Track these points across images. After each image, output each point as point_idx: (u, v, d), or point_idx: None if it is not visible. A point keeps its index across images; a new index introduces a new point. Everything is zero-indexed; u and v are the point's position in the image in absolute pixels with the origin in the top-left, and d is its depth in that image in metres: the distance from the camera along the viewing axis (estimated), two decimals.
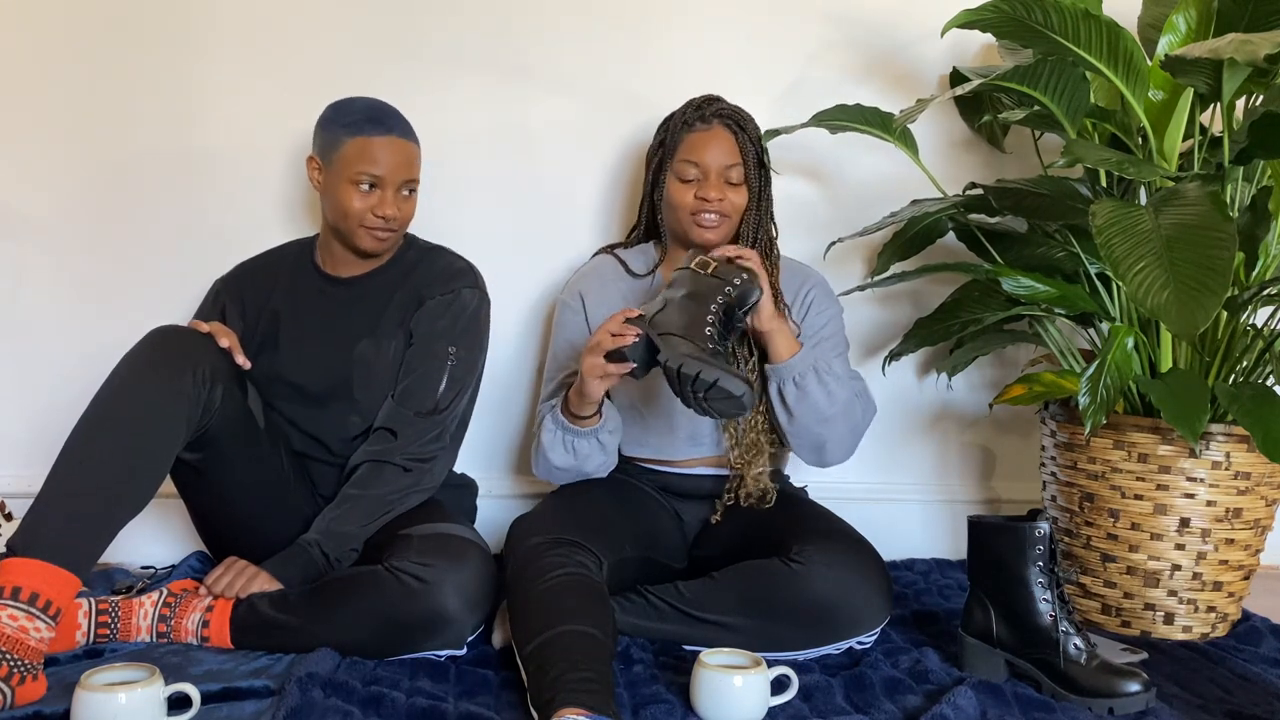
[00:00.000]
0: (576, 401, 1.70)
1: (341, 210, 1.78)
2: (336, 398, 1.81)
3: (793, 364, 1.73)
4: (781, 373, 1.74)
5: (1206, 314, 1.46)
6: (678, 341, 1.56)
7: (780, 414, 1.78)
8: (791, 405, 1.75)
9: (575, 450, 1.76)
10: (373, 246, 1.81)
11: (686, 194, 1.83)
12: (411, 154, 1.80)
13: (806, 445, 1.80)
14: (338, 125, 1.77)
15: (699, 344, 1.55)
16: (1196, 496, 1.80)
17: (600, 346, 1.61)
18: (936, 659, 1.64)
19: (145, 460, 1.52)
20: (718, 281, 1.61)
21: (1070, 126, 1.84)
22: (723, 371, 1.51)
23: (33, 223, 2.13)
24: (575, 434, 1.74)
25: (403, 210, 1.80)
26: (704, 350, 1.55)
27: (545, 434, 1.77)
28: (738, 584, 1.65)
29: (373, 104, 1.79)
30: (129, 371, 1.55)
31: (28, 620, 1.39)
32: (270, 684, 1.45)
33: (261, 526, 1.75)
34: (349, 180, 1.75)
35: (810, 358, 1.75)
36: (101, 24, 2.11)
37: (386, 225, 1.78)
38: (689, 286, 1.62)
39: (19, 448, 2.14)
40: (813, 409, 1.75)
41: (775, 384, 1.76)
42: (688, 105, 1.87)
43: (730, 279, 1.61)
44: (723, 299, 1.60)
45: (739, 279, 1.61)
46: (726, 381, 1.50)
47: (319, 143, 1.80)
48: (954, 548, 2.33)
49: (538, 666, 1.40)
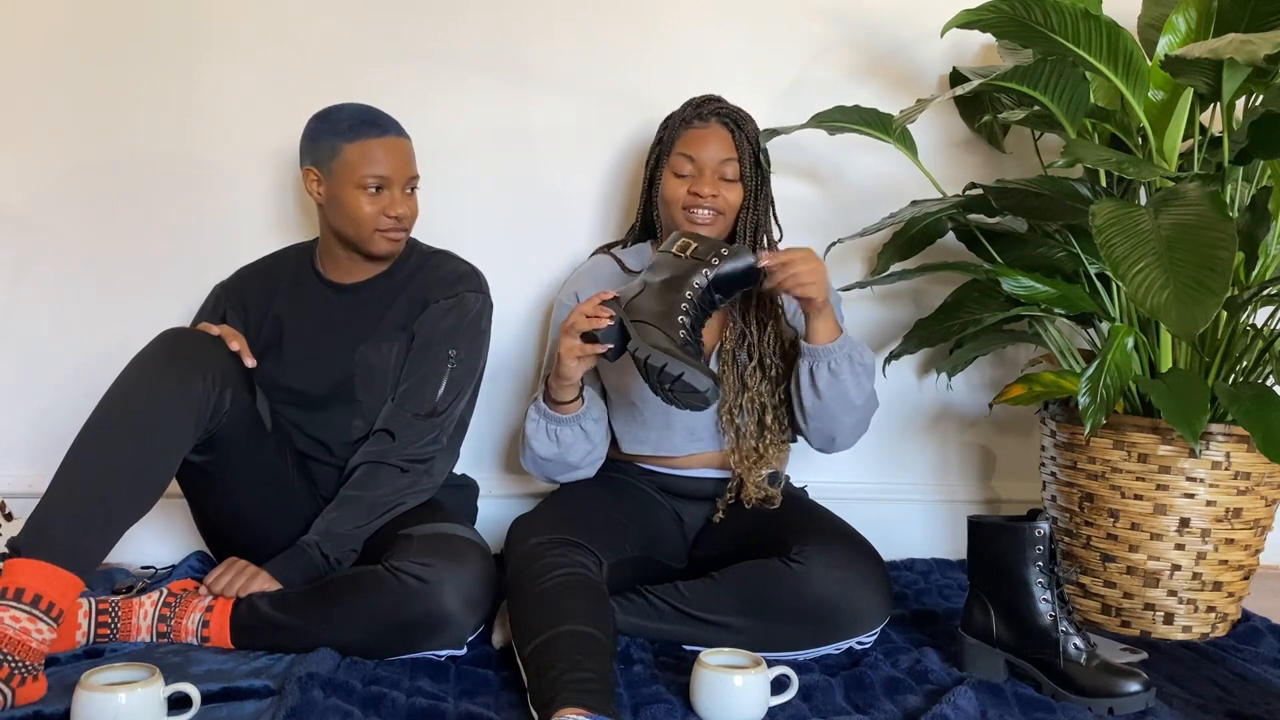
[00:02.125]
0: (556, 385, 1.71)
1: (353, 218, 1.77)
2: (339, 401, 1.82)
3: (832, 348, 1.72)
4: (820, 354, 1.73)
5: (1206, 314, 1.46)
6: (649, 330, 1.56)
7: (808, 395, 1.76)
8: (822, 389, 1.74)
9: (559, 439, 1.75)
10: (388, 249, 1.80)
11: (680, 188, 1.83)
12: (410, 151, 1.80)
13: (822, 430, 1.80)
14: (331, 134, 1.76)
15: (669, 333, 1.55)
16: (1196, 496, 1.80)
17: (575, 328, 1.62)
18: (936, 659, 1.64)
19: (152, 463, 1.52)
20: (695, 263, 1.60)
21: (1070, 126, 1.84)
22: (688, 366, 1.51)
23: (33, 223, 2.13)
24: (558, 422, 1.74)
25: (410, 208, 1.80)
26: (674, 340, 1.54)
27: (529, 424, 1.77)
28: (738, 584, 1.66)
29: (360, 108, 1.79)
30: (140, 373, 1.55)
31: (30, 622, 1.39)
32: (270, 684, 1.45)
33: (265, 527, 1.75)
34: (356, 186, 1.75)
35: (849, 345, 1.74)
36: (102, 26, 2.11)
37: (399, 225, 1.78)
38: (668, 270, 1.62)
39: (19, 448, 2.14)
40: (841, 395, 1.74)
41: (809, 364, 1.74)
42: (687, 104, 1.88)
43: (708, 258, 1.59)
44: (700, 282, 1.58)
45: (718, 254, 1.58)
46: (692, 376, 1.50)
47: (314, 154, 1.78)
48: (954, 548, 2.33)
49: (538, 666, 1.40)
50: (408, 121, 1.86)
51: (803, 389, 1.77)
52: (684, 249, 1.62)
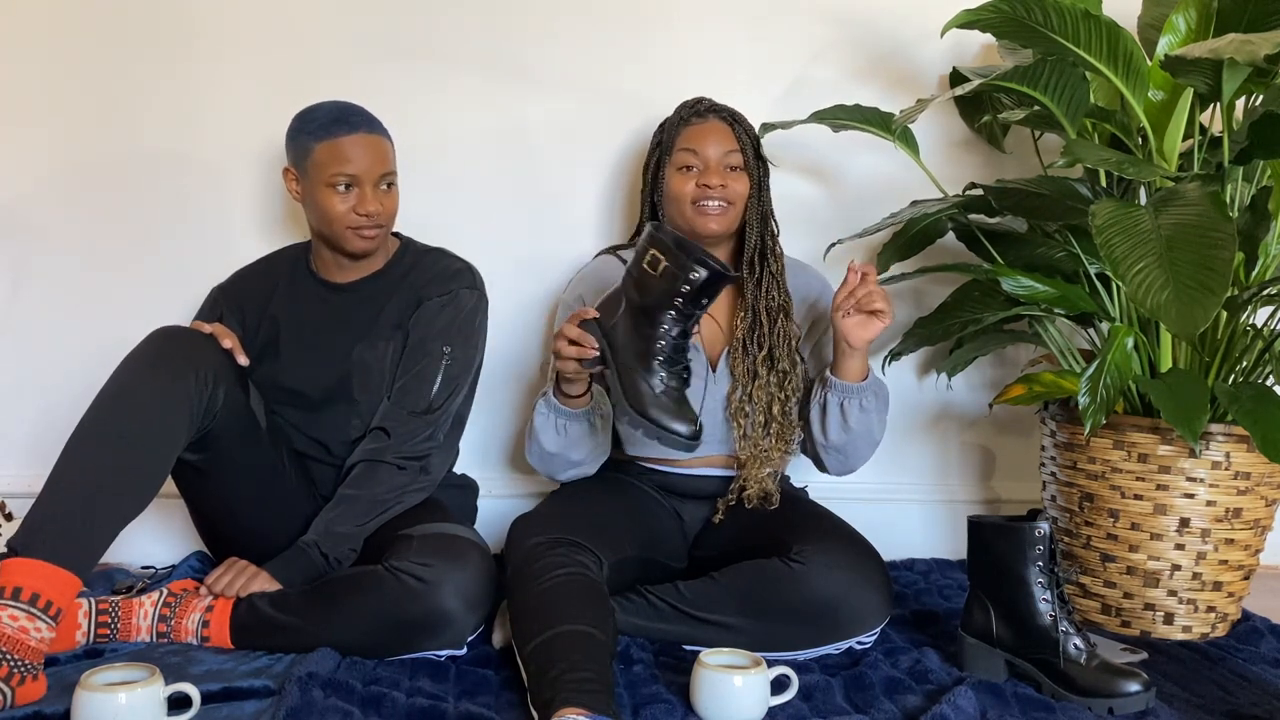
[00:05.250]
0: (564, 382, 1.71)
1: (324, 216, 1.77)
2: (337, 401, 1.82)
3: (864, 386, 1.74)
4: (854, 391, 1.74)
5: (1206, 314, 1.46)
6: (629, 374, 1.57)
7: (834, 428, 1.78)
8: (852, 424, 1.76)
9: (567, 432, 1.75)
10: (361, 247, 1.80)
11: (687, 183, 1.83)
12: (382, 148, 1.79)
13: (843, 462, 1.83)
14: (304, 133, 1.76)
15: (647, 379, 1.56)
16: (1196, 496, 1.80)
17: (561, 355, 1.62)
18: (936, 659, 1.64)
19: (148, 461, 1.52)
20: (668, 286, 1.54)
21: (1070, 126, 1.84)
22: (671, 418, 1.54)
23: (33, 223, 2.13)
24: (568, 416, 1.74)
25: (385, 205, 1.79)
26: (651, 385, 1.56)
27: (538, 417, 1.77)
28: (738, 584, 1.66)
29: (336, 106, 1.79)
30: (132, 372, 1.55)
31: (28, 620, 1.39)
32: (270, 684, 1.45)
33: (262, 527, 1.75)
34: (325, 184, 1.75)
35: (876, 381, 1.77)
36: (102, 27, 2.11)
37: (371, 222, 1.77)
38: (641, 293, 1.57)
39: (19, 448, 2.14)
40: (867, 431, 1.78)
41: (841, 400, 1.75)
42: (681, 106, 1.89)
43: (686, 275, 1.53)
44: (676, 307, 1.55)
45: (694, 274, 1.52)
46: (674, 426, 1.54)
47: (291, 154, 1.79)
48: (954, 548, 2.33)
49: (538, 666, 1.40)
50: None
51: (829, 423, 1.78)
52: (654, 264, 1.55)
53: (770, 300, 1.84)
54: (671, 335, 1.57)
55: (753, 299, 1.84)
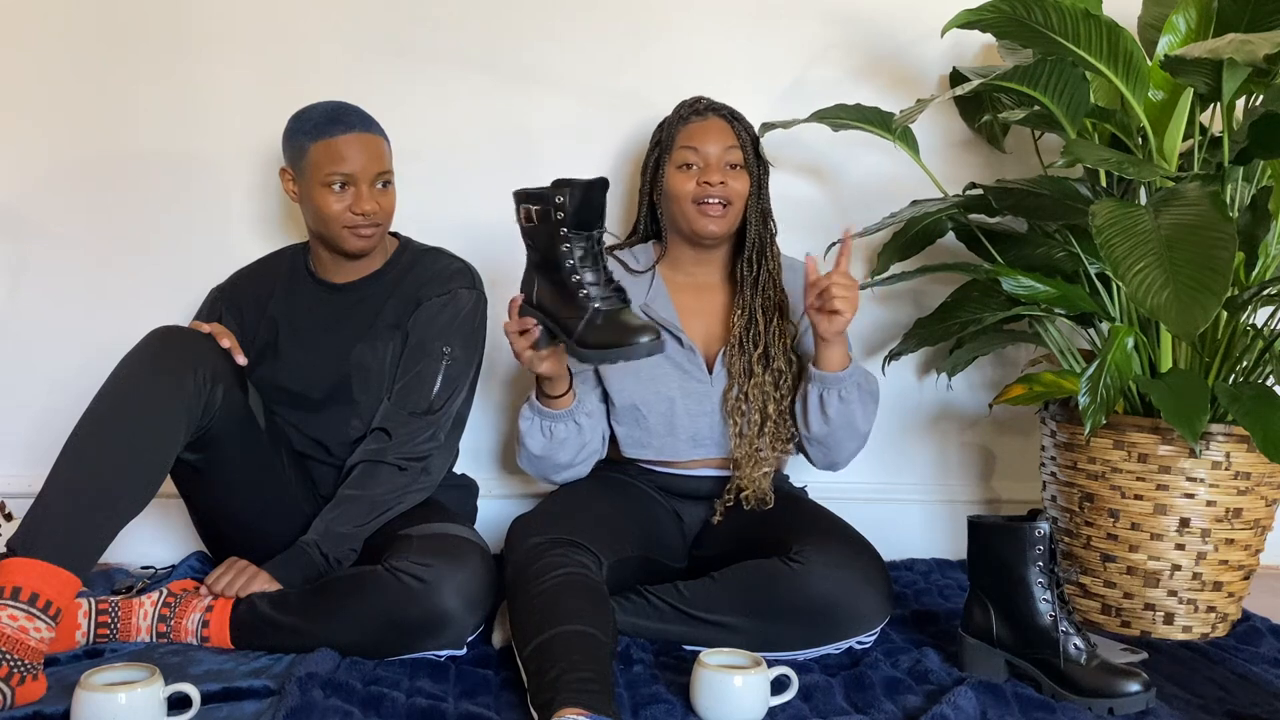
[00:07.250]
0: (545, 382, 1.72)
1: (320, 216, 1.77)
2: (336, 402, 1.82)
3: (843, 376, 1.74)
4: (831, 382, 1.75)
5: (1206, 314, 1.46)
6: (570, 324, 1.53)
7: (815, 419, 1.78)
8: (832, 415, 1.77)
9: (552, 434, 1.76)
10: (358, 246, 1.80)
11: (687, 182, 1.83)
12: (378, 146, 1.79)
13: (825, 454, 1.83)
14: (300, 133, 1.77)
15: (583, 317, 1.52)
16: (1196, 496, 1.80)
17: (514, 346, 1.64)
18: (936, 659, 1.64)
19: (146, 460, 1.52)
20: (548, 227, 1.53)
21: (1070, 126, 1.84)
22: (624, 335, 1.49)
23: (33, 223, 2.13)
24: (552, 418, 1.74)
25: (381, 204, 1.79)
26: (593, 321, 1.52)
27: (523, 422, 1.77)
28: (738, 584, 1.66)
29: (331, 105, 1.79)
30: (130, 371, 1.55)
31: (28, 620, 1.39)
32: (270, 684, 1.45)
33: (262, 526, 1.75)
34: (321, 184, 1.75)
35: (858, 373, 1.76)
36: (103, 27, 2.11)
37: (368, 221, 1.77)
38: (536, 250, 1.57)
39: (19, 448, 2.14)
40: (849, 423, 1.78)
41: (820, 391, 1.76)
42: (680, 105, 1.89)
43: (553, 204, 1.51)
44: (569, 239, 1.52)
45: (558, 199, 1.50)
46: (629, 340, 1.49)
47: (287, 154, 1.80)
48: (954, 548, 2.33)
49: (538, 667, 1.40)
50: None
51: (810, 414, 1.78)
52: (528, 217, 1.55)
53: (766, 299, 1.85)
54: (583, 267, 1.54)
55: (750, 297, 1.85)
